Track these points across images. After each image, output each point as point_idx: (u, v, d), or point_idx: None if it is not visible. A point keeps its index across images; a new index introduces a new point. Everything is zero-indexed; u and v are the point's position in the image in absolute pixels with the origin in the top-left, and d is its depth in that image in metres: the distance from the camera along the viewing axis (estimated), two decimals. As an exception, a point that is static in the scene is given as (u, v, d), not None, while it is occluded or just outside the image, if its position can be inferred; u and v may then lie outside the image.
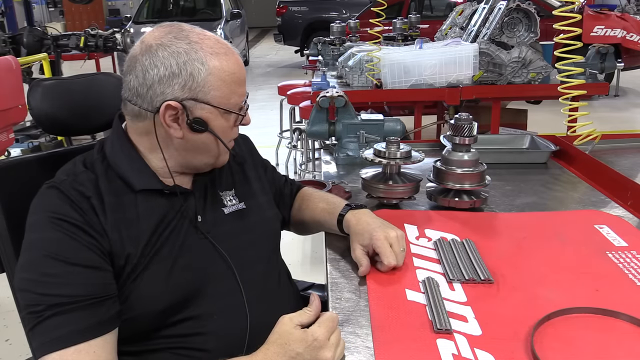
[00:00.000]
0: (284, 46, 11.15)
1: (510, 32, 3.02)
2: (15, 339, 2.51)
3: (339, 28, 4.37)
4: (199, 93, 1.00)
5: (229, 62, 1.02)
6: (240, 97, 1.05)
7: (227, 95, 1.02)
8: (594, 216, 1.35)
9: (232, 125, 1.07)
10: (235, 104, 1.04)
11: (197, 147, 1.04)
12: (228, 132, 1.07)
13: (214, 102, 1.01)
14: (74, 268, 0.92)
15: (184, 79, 0.98)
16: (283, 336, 0.85)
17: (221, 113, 1.03)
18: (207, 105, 1.01)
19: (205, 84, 1.00)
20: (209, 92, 1.00)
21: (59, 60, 5.23)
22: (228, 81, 1.02)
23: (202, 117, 1.01)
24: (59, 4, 17.03)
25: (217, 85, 1.00)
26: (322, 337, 0.84)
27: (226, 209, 1.12)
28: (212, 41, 1.03)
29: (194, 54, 0.99)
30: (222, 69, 1.01)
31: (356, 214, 1.19)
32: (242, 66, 1.06)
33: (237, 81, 1.04)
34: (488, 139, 2.02)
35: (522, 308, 0.97)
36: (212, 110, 1.01)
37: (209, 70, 0.99)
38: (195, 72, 0.99)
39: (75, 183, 0.99)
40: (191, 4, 11.01)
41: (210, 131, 1.02)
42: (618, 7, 7.78)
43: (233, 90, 1.03)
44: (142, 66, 0.99)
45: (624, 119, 6.16)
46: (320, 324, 0.86)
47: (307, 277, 1.58)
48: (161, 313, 1.00)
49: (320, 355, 0.83)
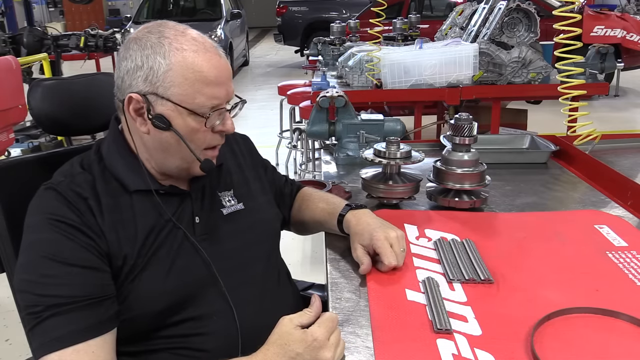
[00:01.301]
0: (284, 46, 11.15)
1: (510, 32, 3.02)
2: (15, 339, 2.51)
3: (339, 28, 4.37)
4: (159, 88, 0.97)
5: (197, 60, 0.97)
6: (211, 100, 0.99)
7: (191, 95, 0.97)
8: (594, 216, 1.35)
9: (205, 129, 1.01)
10: (201, 105, 0.98)
11: (164, 146, 1.01)
12: (198, 135, 1.01)
13: (174, 99, 0.97)
14: (72, 269, 0.92)
15: (146, 72, 0.97)
16: (283, 337, 0.85)
17: (186, 113, 0.98)
18: (168, 101, 0.98)
19: (165, 79, 0.97)
20: (169, 87, 0.97)
21: (59, 60, 5.23)
22: (192, 79, 0.97)
23: (164, 114, 0.98)
24: (59, 4, 17.04)
25: (179, 82, 0.97)
26: (321, 337, 0.84)
27: (225, 210, 1.12)
28: (187, 37, 0.99)
29: (159, 47, 0.97)
30: (185, 66, 0.97)
31: (356, 214, 1.19)
32: (220, 67, 1.00)
33: (205, 81, 0.98)
34: (488, 139, 2.02)
35: (522, 308, 0.97)
36: (173, 107, 0.98)
37: (169, 65, 0.96)
38: (156, 65, 0.97)
39: (73, 184, 0.99)
40: (191, 4, 11.01)
41: (174, 130, 0.99)
42: (618, 7, 7.78)
43: (198, 90, 0.97)
44: (119, 59, 1.02)
45: (624, 119, 6.16)
46: (320, 324, 0.86)
47: (307, 277, 1.58)
48: (160, 314, 1.00)
49: (319, 355, 0.83)
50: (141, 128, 1.01)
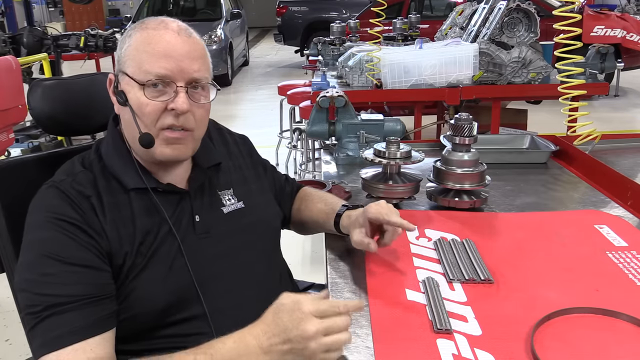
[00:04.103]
0: (284, 46, 11.15)
1: (510, 32, 3.02)
2: (15, 339, 2.51)
3: (339, 28, 4.37)
4: (123, 65, 1.02)
5: (152, 34, 1.00)
6: (155, 69, 0.98)
7: (139, 65, 1.00)
8: (594, 216, 1.35)
9: (153, 103, 0.99)
10: (146, 74, 0.98)
11: (127, 124, 1.04)
12: (147, 109, 0.99)
13: (129, 72, 1.01)
14: (72, 268, 0.92)
15: (118, 54, 1.05)
16: (278, 307, 0.86)
17: (137, 86, 1.00)
18: (125, 75, 1.02)
19: (125, 54, 1.02)
20: (126, 62, 1.02)
21: (59, 60, 5.23)
22: (141, 50, 1.00)
23: (123, 90, 1.02)
24: (59, 4, 17.04)
25: (133, 55, 1.01)
26: (307, 310, 0.83)
27: (225, 209, 1.12)
28: (157, 21, 1.03)
29: (132, 31, 1.03)
30: (141, 40, 1.01)
31: (352, 214, 1.19)
32: (175, 43, 1.00)
33: (152, 52, 0.99)
34: (488, 139, 2.02)
35: (522, 308, 0.97)
36: (128, 81, 1.01)
37: (130, 42, 1.02)
38: (125, 46, 1.03)
39: (75, 183, 1.00)
40: (191, 4, 11.00)
41: (128, 104, 1.01)
42: (618, 7, 7.78)
43: (144, 60, 0.99)
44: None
45: (624, 119, 6.15)
46: (314, 300, 0.85)
47: (307, 277, 1.58)
48: (161, 312, 1.00)
49: (301, 325, 0.82)
50: (115, 108, 1.06)
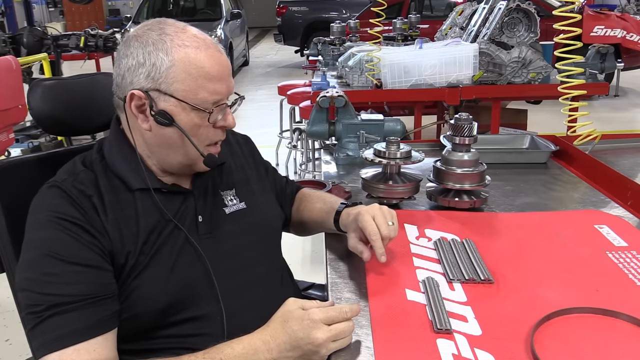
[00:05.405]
0: (284, 46, 11.15)
1: (510, 32, 3.02)
2: (15, 339, 2.51)
3: (339, 28, 4.37)
4: (161, 84, 0.98)
5: (199, 56, 0.98)
6: (213, 95, 1.00)
7: (194, 90, 0.98)
8: (594, 216, 1.35)
9: (207, 125, 1.02)
10: (204, 100, 1.00)
11: (166, 142, 1.02)
12: (201, 130, 1.02)
13: (177, 95, 0.98)
14: (74, 267, 0.92)
15: (148, 69, 0.98)
16: (285, 314, 0.90)
17: (190, 108, 0.99)
18: (171, 97, 0.99)
19: (168, 75, 0.98)
20: (172, 84, 0.98)
21: (59, 60, 5.23)
22: (195, 75, 0.98)
23: (167, 110, 0.99)
24: (59, 4, 17.03)
25: (182, 77, 0.98)
26: (316, 318, 0.87)
27: (227, 209, 1.12)
28: (188, 34, 1.00)
29: (161, 44, 0.98)
30: (188, 62, 0.98)
31: (351, 211, 1.19)
32: (221, 63, 1.01)
33: (207, 76, 0.99)
34: (488, 139, 2.02)
35: (522, 308, 0.97)
36: (177, 103, 0.99)
37: (172, 62, 0.97)
38: (159, 62, 0.97)
39: (76, 182, 1.00)
40: (191, 4, 11.00)
41: (177, 125, 1.00)
42: (618, 7, 7.78)
43: (201, 85, 0.99)
44: (119, 57, 1.02)
45: (624, 119, 6.15)
46: (321, 307, 0.89)
47: (307, 277, 1.58)
48: (162, 312, 1.00)
49: (312, 334, 0.86)
50: (143, 125, 1.01)
